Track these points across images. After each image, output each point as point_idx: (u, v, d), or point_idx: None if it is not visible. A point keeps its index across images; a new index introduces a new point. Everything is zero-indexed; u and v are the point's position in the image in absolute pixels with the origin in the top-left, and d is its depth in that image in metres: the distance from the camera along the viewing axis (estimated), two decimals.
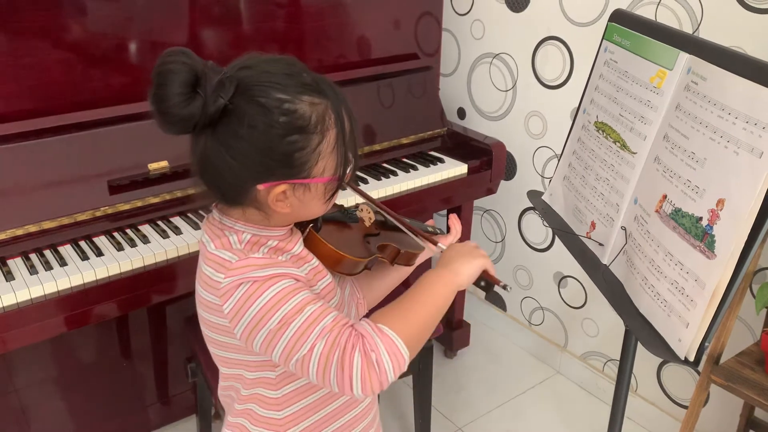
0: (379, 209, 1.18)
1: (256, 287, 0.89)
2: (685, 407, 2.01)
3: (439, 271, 1.00)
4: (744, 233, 0.90)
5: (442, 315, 0.96)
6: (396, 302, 0.94)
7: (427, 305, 0.94)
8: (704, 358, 1.66)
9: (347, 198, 1.81)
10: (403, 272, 1.29)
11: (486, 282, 1.04)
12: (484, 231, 2.57)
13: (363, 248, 1.13)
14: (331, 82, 0.94)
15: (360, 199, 1.21)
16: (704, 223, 0.96)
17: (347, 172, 0.96)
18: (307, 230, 1.04)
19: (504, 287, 1.04)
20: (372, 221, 1.18)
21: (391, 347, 0.86)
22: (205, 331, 1.01)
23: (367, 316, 0.95)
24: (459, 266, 1.00)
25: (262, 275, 0.90)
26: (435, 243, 1.14)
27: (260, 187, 0.91)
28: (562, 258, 2.28)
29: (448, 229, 1.32)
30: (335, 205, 1.19)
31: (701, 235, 0.97)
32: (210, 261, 0.94)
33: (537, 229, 2.36)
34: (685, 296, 0.98)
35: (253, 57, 0.92)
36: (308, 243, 1.03)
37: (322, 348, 0.86)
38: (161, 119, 0.86)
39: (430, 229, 1.31)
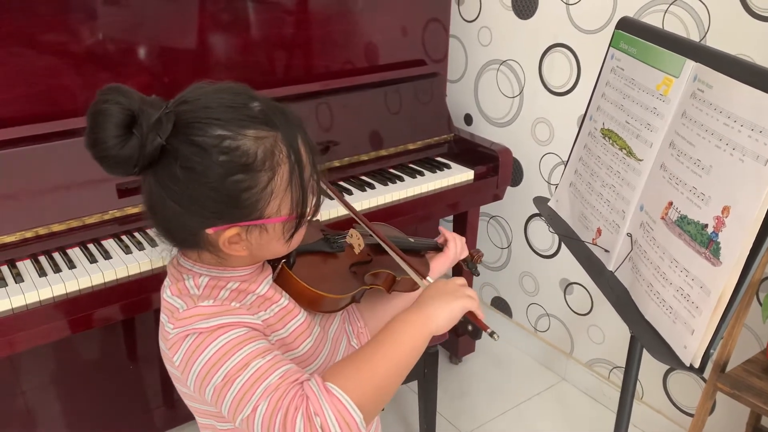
0: (369, 232, 1.06)
1: (201, 339, 0.82)
2: (691, 415, 2.00)
3: (410, 314, 0.88)
4: (749, 240, 0.90)
5: (410, 366, 0.85)
6: (355, 353, 0.84)
7: (390, 357, 0.82)
8: (710, 365, 1.65)
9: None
10: (409, 298, 1.18)
11: (473, 326, 0.93)
12: (491, 237, 2.57)
13: (347, 281, 1.02)
14: (284, 110, 0.86)
15: (345, 211, 1.10)
16: (709, 230, 0.96)
17: (308, 208, 0.88)
18: (279, 266, 0.95)
19: (491, 335, 0.92)
20: (362, 247, 1.07)
21: (339, 410, 0.76)
22: (174, 382, 0.95)
23: None
24: (434, 309, 0.88)
25: (208, 326, 0.82)
26: (424, 276, 1.02)
27: (209, 231, 0.84)
28: (568, 264, 2.28)
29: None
30: (321, 230, 1.10)
31: (706, 242, 0.97)
32: (164, 308, 0.89)
33: (543, 235, 2.36)
34: (691, 303, 0.98)
35: (196, 89, 0.85)
36: (280, 280, 0.95)
37: (264, 409, 0.77)
38: (100, 163, 0.80)
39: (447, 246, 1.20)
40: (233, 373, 0.80)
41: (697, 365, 0.97)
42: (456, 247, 1.21)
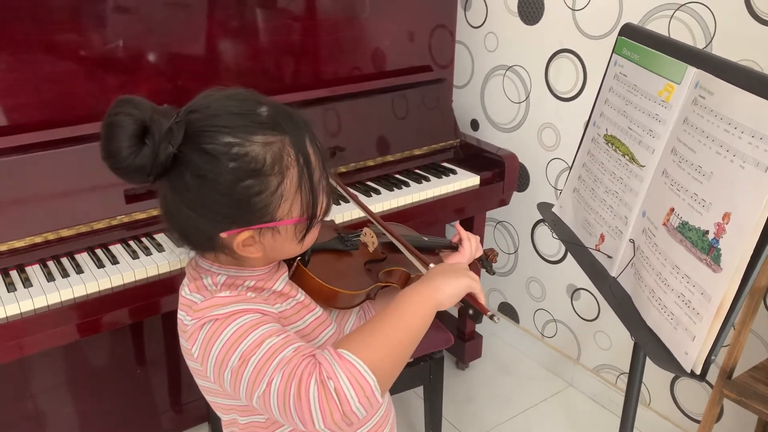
0: (383, 231, 1.08)
1: (217, 326, 0.84)
2: (699, 422, 1.99)
3: (417, 286, 0.90)
4: (749, 247, 0.90)
5: (420, 334, 0.87)
6: (366, 323, 0.87)
7: (399, 324, 0.85)
8: (716, 371, 1.65)
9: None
10: None
11: (474, 310, 0.93)
12: (497, 243, 2.57)
13: (361, 278, 1.04)
14: (292, 114, 0.87)
15: (362, 215, 1.12)
16: (710, 236, 0.96)
17: (319, 209, 0.89)
18: (295, 264, 0.97)
19: (492, 317, 0.93)
20: (376, 245, 1.08)
21: (353, 373, 0.78)
22: (195, 379, 0.97)
23: None
24: (441, 283, 0.90)
25: (223, 312, 0.85)
26: (427, 264, 1.04)
27: (223, 235, 0.86)
28: (574, 270, 2.27)
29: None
30: (335, 230, 1.12)
31: (707, 248, 0.97)
32: (182, 305, 0.91)
33: (550, 241, 2.35)
34: (692, 309, 0.98)
35: (204, 97, 0.87)
36: (296, 278, 0.97)
37: (279, 381, 0.79)
38: (115, 173, 0.82)
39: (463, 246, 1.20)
40: (248, 353, 0.81)
41: (698, 372, 0.97)
42: (471, 246, 1.21)
